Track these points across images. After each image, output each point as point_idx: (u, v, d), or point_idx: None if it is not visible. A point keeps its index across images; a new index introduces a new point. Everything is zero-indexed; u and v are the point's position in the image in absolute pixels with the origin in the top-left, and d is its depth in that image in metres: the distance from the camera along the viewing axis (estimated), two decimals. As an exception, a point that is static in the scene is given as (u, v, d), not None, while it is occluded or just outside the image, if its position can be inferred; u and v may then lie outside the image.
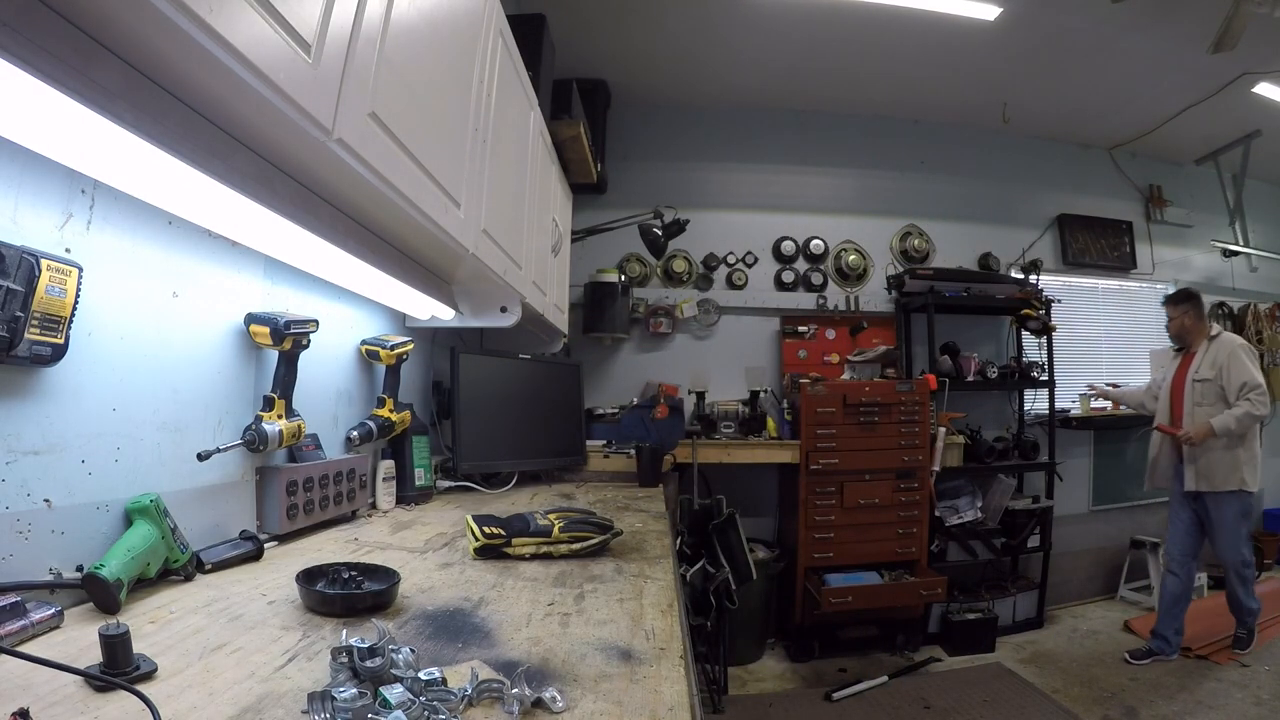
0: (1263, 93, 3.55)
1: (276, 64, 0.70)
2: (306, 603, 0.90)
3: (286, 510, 1.30)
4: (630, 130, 3.80)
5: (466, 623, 0.87)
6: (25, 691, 0.61)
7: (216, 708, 0.60)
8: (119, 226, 0.95)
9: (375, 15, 0.92)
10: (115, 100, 0.62)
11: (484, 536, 1.20)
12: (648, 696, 0.66)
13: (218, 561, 1.07)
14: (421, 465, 1.89)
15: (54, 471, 0.85)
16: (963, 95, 3.70)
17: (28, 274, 0.77)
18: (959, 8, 2.92)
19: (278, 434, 1.25)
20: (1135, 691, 2.71)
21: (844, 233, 3.90)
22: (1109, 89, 3.57)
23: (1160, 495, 4.45)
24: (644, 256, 3.68)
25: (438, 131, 1.21)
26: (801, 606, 3.11)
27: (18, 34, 0.53)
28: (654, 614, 0.93)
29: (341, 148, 0.85)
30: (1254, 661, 2.91)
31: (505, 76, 1.66)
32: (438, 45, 1.19)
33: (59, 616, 0.78)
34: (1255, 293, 4.56)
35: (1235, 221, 4.47)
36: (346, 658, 0.65)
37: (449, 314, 1.86)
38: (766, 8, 2.95)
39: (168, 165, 0.71)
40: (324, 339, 1.48)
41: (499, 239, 1.67)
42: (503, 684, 0.64)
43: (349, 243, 1.13)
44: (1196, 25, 2.88)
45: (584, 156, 2.82)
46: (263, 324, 1.24)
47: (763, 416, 3.33)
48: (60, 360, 0.83)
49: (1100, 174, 4.29)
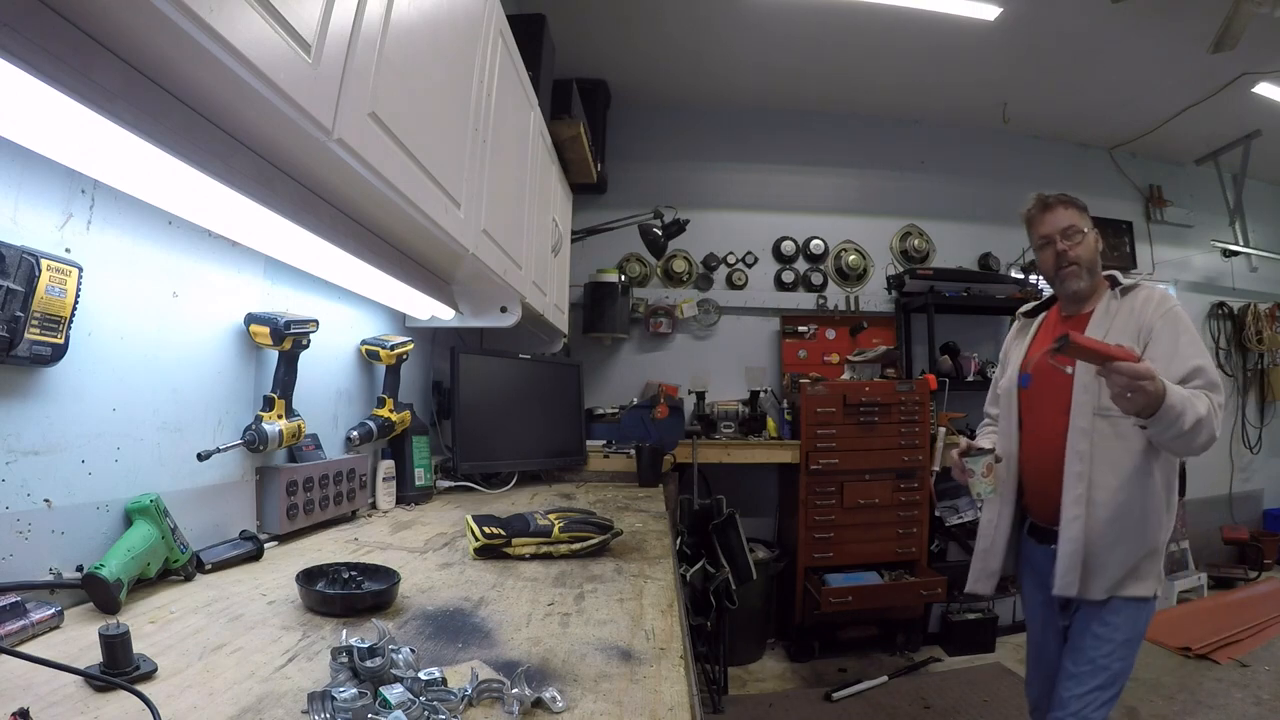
0: (1263, 93, 3.55)
1: (276, 64, 0.70)
2: (306, 603, 0.90)
3: (286, 510, 1.30)
4: (630, 130, 3.80)
5: (466, 623, 0.87)
6: (25, 691, 0.61)
7: (216, 708, 0.60)
8: (119, 226, 0.95)
9: (375, 15, 0.92)
10: (115, 100, 0.62)
11: (484, 536, 1.20)
12: (648, 696, 0.66)
13: (218, 561, 1.07)
14: (421, 465, 1.89)
15: (54, 471, 0.85)
16: (963, 95, 3.70)
17: (28, 274, 0.77)
18: (959, 8, 2.91)
19: (278, 434, 1.25)
20: (1135, 691, 2.71)
21: (844, 233, 3.90)
22: (1109, 89, 3.57)
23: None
24: (644, 256, 3.68)
25: (438, 131, 1.21)
26: (801, 606, 3.11)
27: (18, 34, 0.53)
28: (654, 614, 0.93)
29: (341, 148, 0.85)
30: (1254, 661, 2.91)
31: (505, 76, 1.66)
32: (438, 45, 1.19)
33: (59, 616, 0.78)
34: (1255, 293, 4.56)
35: (1235, 221, 4.47)
36: (346, 658, 0.65)
37: (449, 314, 1.86)
38: (766, 8, 2.95)
39: (168, 165, 0.71)
40: (324, 339, 1.48)
41: (499, 239, 1.67)
42: (503, 684, 0.64)
43: (349, 243, 1.13)
44: (1196, 25, 2.88)
45: (584, 156, 2.82)
46: (263, 324, 1.24)
47: (763, 416, 3.33)
48: (60, 360, 0.83)
49: (1100, 174, 4.29)
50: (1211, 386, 1.35)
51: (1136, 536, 1.42)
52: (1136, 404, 1.19)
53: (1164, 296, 1.50)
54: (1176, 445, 1.32)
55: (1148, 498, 1.42)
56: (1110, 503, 1.43)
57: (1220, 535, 4.29)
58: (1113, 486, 1.43)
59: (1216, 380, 1.37)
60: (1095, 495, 1.43)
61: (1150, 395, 1.18)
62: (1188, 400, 1.24)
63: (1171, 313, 1.45)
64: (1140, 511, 1.42)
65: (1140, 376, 1.16)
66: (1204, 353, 1.43)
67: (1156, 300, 1.49)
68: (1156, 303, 1.48)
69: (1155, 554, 1.43)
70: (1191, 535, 4.01)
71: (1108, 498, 1.43)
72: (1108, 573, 1.42)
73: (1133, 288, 1.54)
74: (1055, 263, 1.56)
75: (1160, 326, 1.44)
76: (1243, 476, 4.47)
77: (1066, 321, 1.61)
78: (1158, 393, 1.19)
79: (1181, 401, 1.22)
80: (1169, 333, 1.42)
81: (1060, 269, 1.56)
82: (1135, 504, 1.42)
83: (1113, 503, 1.43)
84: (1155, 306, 1.47)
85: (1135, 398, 1.18)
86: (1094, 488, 1.43)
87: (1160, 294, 1.51)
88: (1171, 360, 1.38)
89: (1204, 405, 1.27)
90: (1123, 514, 1.42)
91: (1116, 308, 1.52)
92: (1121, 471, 1.43)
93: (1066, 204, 1.57)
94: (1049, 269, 1.59)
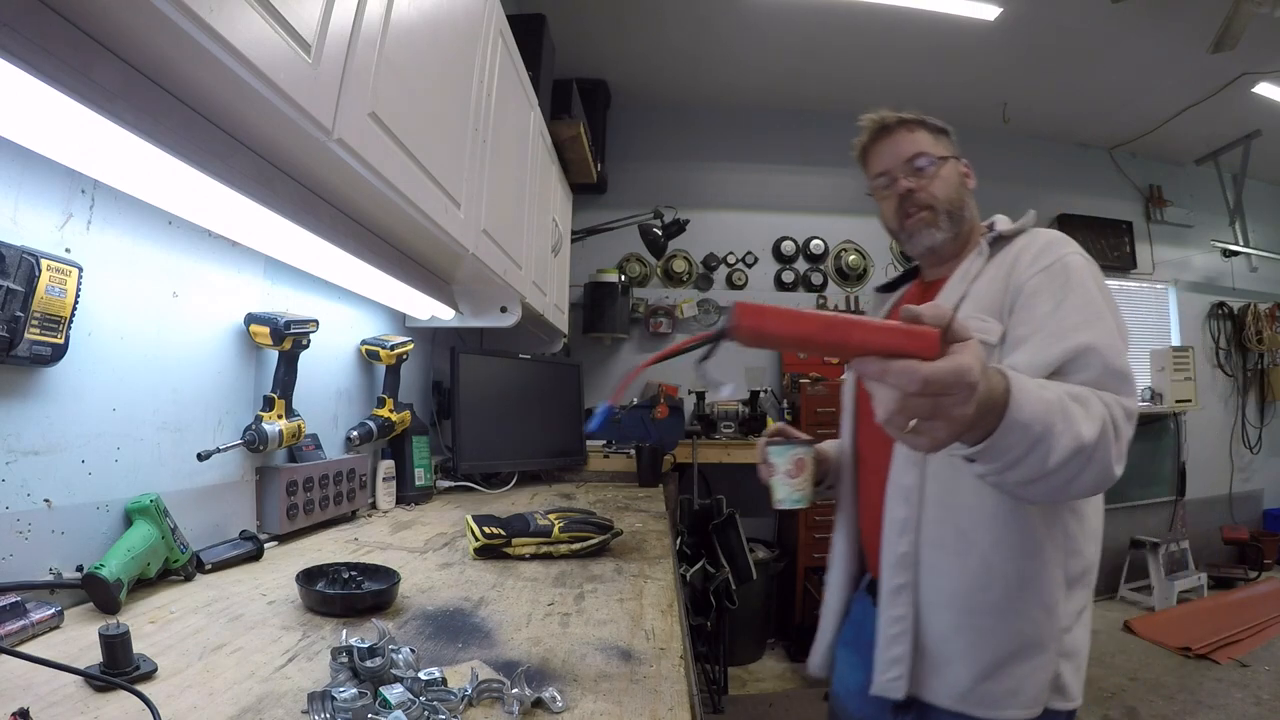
0: (1263, 93, 3.55)
1: (277, 64, 0.70)
2: (306, 603, 0.90)
3: (286, 510, 1.30)
4: (630, 130, 3.80)
5: (466, 623, 0.87)
6: (25, 691, 0.61)
7: (216, 708, 0.60)
8: (119, 226, 0.95)
9: (375, 15, 0.92)
10: (115, 100, 0.62)
11: (484, 536, 1.20)
12: (648, 696, 0.66)
13: (218, 561, 1.07)
14: (421, 465, 1.89)
15: (54, 471, 0.85)
16: (963, 95, 3.70)
17: (28, 274, 0.77)
18: (959, 8, 2.92)
19: (278, 434, 1.25)
20: (1135, 691, 2.71)
21: (844, 233, 3.90)
22: (1109, 89, 3.57)
23: (1157, 495, 4.51)
24: (644, 256, 3.68)
25: (438, 131, 1.21)
26: (801, 606, 3.11)
27: (18, 34, 0.53)
28: (654, 614, 0.93)
29: (341, 148, 0.85)
30: (1254, 661, 2.91)
31: (505, 76, 1.66)
32: (438, 45, 1.19)
33: (59, 616, 0.78)
34: (1255, 293, 4.56)
35: (1235, 221, 4.47)
36: (346, 658, 0.65)
37: (449, 314, 1.86)
38: (766, 8, 2.95)
39: (168, 165, 0.71)
40: (324, 339, 1.48)
41: (499, 239, 1.67)
42: (503, 684, 0.64)
43: (349, 243, 1.13)
44: (1196, 25, 2.88)
45: (584, 156, 2.82)
46: (263, 324, 1.24)
47: (763, 416, 3.33)
48: (60, 360, 0.83)
49: (1100, 174, 4.30)
50: (1114, 379, 0.79)
51: (1001, 621, 0.88)
52: (936, 436, 0.51)
53: (1051, 241, 0.95)
54: (1036, 491, 0.69)
55: (1023, 560, 0.88)
56: (954, 568, 0.90)
57: (1220, 535, 4.29)
58: (959, 543, 0.90)
59: (1123, 368, 0.81)
60: (929, 557, 0.92)
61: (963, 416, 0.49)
62: (1061, 410, 0.64)
63: (1058, 265, 0.90)
64: (1011, 581, 0.88)
65: (938, 380, 0.47)
66: (1104, 322, 0.84)
67: (1038, 248, 0.94)
68: (1037, 251, 0.93)
69: (1038, 650, 0.87)
70: (1191, 535, 4.02)
71: (949, 561, 0.91)
72: (953, 671, 0.90)
73: (1014, 235, 1.01)
74: (899, 209, 1.07)
75: (1037, 285, 0.89)
76: (1243, 476, 4.48)
77: (928, 292, 1.11)
78: (990, 399, 0.57)
79: (1046, 414, 0.61)
80: (1048, 293, 0.87)
81: (907, 218, 1.06)
82: (1000, 570, 0.88)
83: (958, 568, 0.90)
84: (1035, 257, 0.92)
85: (936, 426, 0.50)
86: (927, 545, 0.93)
87: (1047, 239, 0.96)
88: (1046, 339, 0.83)
89: (1098, 415, 0.69)
90: (978, 586, 0.89)
91: (980, 267, 1.00)
92: (975, 519, 0.89)
93: (913, 125, 1.09)
94: (892, 219, 1.10)
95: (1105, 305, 0.88)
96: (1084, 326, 0.83)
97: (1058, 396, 0.65)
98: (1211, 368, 4.43)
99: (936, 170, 1.06)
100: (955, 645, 0.90)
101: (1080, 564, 0.92)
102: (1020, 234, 1.01)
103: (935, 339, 0.48)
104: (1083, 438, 0.66)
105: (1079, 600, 0.92)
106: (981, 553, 0.89)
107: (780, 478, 1.10)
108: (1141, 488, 4.20)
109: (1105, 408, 0.71)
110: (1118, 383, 0.79)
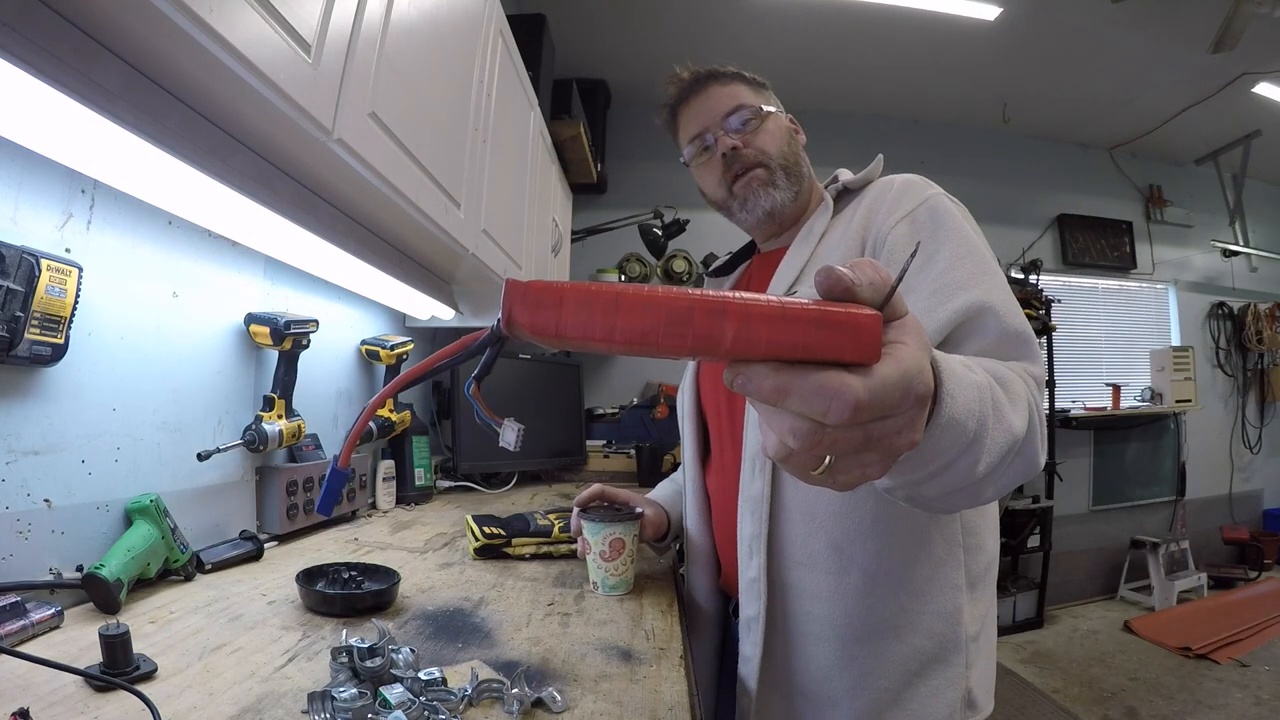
0: (1263, 93, 3.55)
1: (276, 64, 0.70)
2: (306, 603, 0.90)
3: (286, 510, 1.30)
4: (630, 130, 3.80)
5: (466, 623, 0.87)
6: (25, 691, 0.61)
7: (216, 708, 0.60)
8: (119, 226, 0.95)
9: (375, 15, 0.92)
10: (115, 100, 0.62)
11: (484, 536, 1.20)
12: (648, 696, 0.66)
13: (218, 561, 1.07)
14: (421, 465, 1.89)
15: (54, 471, 0.85)
16: (963, 95, 3.70)
17: (28, 274, 0.77)
18: (959, 8, 2.92)
19: (278, 434, 1.25)
20: (1135, 691, 2.71)
21: (844, 233, 3.90)
22: (1109, 89, 3.57)
23: (1157, 495, 4.50)
24: (644, 256, 3.68)
25: (438, 131, 1.21)
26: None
27: (18, 34, 0.53)
28: (654, 614, 0.93)
29: (341, 148, 0.85)
30: (1254, 661, 2.91)
31: (505, 76, 1.66)
32: (438, 45, 1.19)
33: (59, 616, 0.78)
34: (1255, 293, 4.56)
35: (1235, 221, 4.47)
36: (346, 658, 0.65)
37: (449, 314, 1.86)
38: (766, 7, 2.95)
39: (168, 165, 0.71)
40: (324, 339, 1.48)
41: (499, 239, 1.67)
42: (503, 684, 0.64)
43: (349, 243, 1.13)
44: (1196, 25, 2.88)
45: (584, 156, 2.82)
46: (263, 324, 1.24)
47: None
48: (60, 360, 0.83)
49: (1100, 174, 4.29)
50: (1015, 343, 0.65)
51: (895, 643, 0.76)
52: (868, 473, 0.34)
53: (909, 184, 0.82)
54: (956, 500, 0.53)
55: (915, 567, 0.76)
56: (829, 590, 0.77)
57: (1220, 535, 4.29)
58: (833, 560, 0.77)
59: (1023, 328, 0.66)
60: (797, 579, 0.79)
61: (908, 444, 0.33)
62: (992, 398, 0.47)
63: (924, 210, 0.77)
64: (903, 595, 0.76)
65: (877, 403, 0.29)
66: (992, 274, 0.71)
67: (895, 193, 0.81)
68: (895, 196, 0.80)
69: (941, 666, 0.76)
70: (1191, 535, 4.02)
71: (822, 582, 0.77)
72: (839, 714, 0.78)
73: (862, 186, 0.88)
74: (724, 173, 0.93)
75: (901, 234, 0.75)
76: (1243, 476, 4.48)
77: (769, 265, 0.94)
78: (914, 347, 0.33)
79: (979, 406, 0.44)
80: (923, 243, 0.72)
81: (735, 180, 0.92)
82: (888, 584, 0.76)
83: (834, 590, 0.77)
84: (893, 204, 0.79)
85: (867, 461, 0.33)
86: (792, 565, 0.79)
87: (904, 181, 0.83)
88: (927, 299, 0.69)
89: (1022, 398, 0.55)
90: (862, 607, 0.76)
91: (826, 224, 0.86)
92: (850, 528, 0.76)
93: (726, 78, 0.96)
94: (717, 188, 0.95)
95: (988, 254, 0.73)
96: (970, 282, 0.68)
97: (986, 380, 0.48)
98: (1211, 368, 4.43)
99: (761, 123, 0.93)
100: (840, 683, 0.76)
101: (983, 560, 0.81)
102: (869, 184, 0.88)
103: (875, 332, 0.29)
104: (1014, 431, 0.50)
105: (984, 601, 0.81)
106: (862, 567, 0.75)
107: (594, 559, 0.95)
108: (1141, 488, 4.21)
109: (1025, 387, 0.57)
110: (1020, 347, 0.65)
